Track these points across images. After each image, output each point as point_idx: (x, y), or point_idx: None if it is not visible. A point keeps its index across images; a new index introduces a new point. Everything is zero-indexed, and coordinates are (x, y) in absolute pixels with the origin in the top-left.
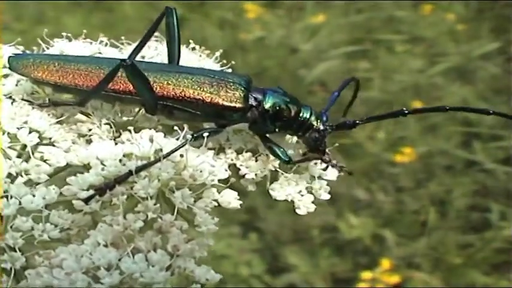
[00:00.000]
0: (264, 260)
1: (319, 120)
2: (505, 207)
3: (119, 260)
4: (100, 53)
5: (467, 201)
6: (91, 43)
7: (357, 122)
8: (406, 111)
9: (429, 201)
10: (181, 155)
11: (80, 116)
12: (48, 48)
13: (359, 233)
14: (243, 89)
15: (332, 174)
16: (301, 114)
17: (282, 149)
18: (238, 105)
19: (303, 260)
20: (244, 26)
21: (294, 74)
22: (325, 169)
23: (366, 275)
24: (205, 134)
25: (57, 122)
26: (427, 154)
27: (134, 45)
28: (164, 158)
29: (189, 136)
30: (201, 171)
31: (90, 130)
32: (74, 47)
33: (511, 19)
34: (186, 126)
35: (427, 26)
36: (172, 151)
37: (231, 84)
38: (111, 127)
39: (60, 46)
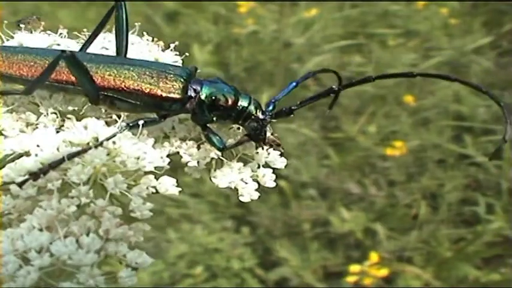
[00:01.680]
0: (256, 254)
1: (258, 110)
2: (496, 200)
3: (51, 243)
4: (58, 44)
5: (459, 195)
6: (49, 35)
7: (292, 108)
8: (336, 88)
9: (421, 195)
10: (114, 142)
11: (30, 106)
12: (8, 40)
13: (351, 227)
14: (182, 80)
15: (280, 162)
16: (239, 103)
17: (217, 137)
18: (176, 96)
19: (294, 254)
20: (238, 20)
21: (287, 68)
22: (267, 154)
23: (355, 268)
24: (141, 122)
25: (7, 111)
26: (419, 148)
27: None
28: (97, 145)
29: (123, 124)
30: (134, 158)
31: (38, 119)
32: (33, 38)
33: (503, 13)
34: (123, 115)
35: (421, 20)
36: (106, 139)
37: (171, 75)
38: (57, 116)
39: (19, 38)
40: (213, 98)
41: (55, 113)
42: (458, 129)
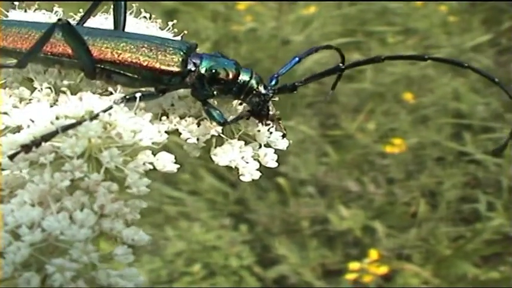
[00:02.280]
0: (254, 252)
1: (260, 84)
2: (495, 198)
3: (43, 218)
4: None
5: (458, 193)
6: (44, 14)
7: (296, 84)
8: (343, 66)
9: (420, 193)
10: (110, 114)
11: (24, 82)
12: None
13: (349, 225)
14: (181, 53)
15: (282, 143)
16: (240, 78)
17: (218, 111)
18: (175, 69)
19: (293, 252)
20: (236, 18)
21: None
22: (269, 130)
23: (354, 265)
24: (138, 95)
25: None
26: (418, 146)
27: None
28: (92, 118)
29: (118, 96)
30: (130, 132)
31: (31, 94)
32: (27, 16)
33: (502, 11)
34: (119, 88)
35: (420, 18)
36: (102, 111)
37: (170, 48)
38: (51, 91)
39: (12, 16)
40: (213, 71)
41: (49, 88)
42: (457, 127)
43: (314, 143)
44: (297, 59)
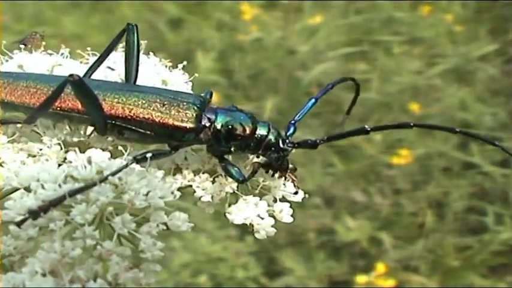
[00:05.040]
0: (261, 263)
1: (278, 138)
2: (502, 209)
3: None
4: (60, 65)
5: (465, 204)
6: (50, 55)
7: (317, 141)
8: (369, 129)
9: (426, 204)
10: (120, 178)
11: (32, 136)
12: (7, 61)
13: (356, 236)
14: (195, 108)
15: (298, 196)
16: (257, 132)
17: (236, 168)
18: (189, 125)
19: (299, 263)
20: (242, 27)
21: (291, 76)
22: (292, 190)
23: (361, 278)
24: (149, 155)
25: (8, 142)
26: (425, 156)
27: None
28: (101, 181)
29: (129, 158)
30: (142, 195)
31: (40, 150)
32: (33, 58)
33: (509, 20)
34: (129, 147)
35: (426, 27)
36: (111, 173)
37: (184, 103)
38: (61, 148)
39: (18, 58)
40: (230, 127)
41: (59, 144)
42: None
43: (320, 154)
44: (313, 100)
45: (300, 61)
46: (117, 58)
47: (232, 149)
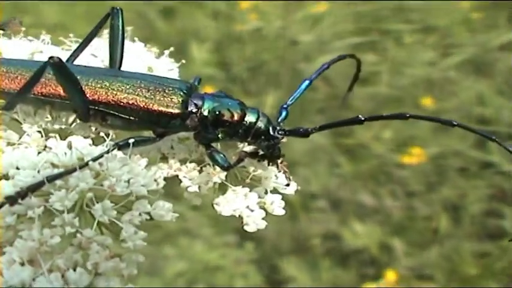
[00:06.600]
0: (261, 272)
1: (268, 125)
2: None
3: (34, 279)
4: (41, 51)
5: (483, 206)
6: (31, 41)
7: (309, 130)
8: (363, 118)
9: (441, 207)
10: (100, 164)
11: (12, 124)
12: None
13: (365, 242)
14: (181, 94)
15: (291, 188)
16: (246, 119)
17: (221, 155)
18: (174, 111)
19: (303, 272)
20: (239, 16)
21: (294, 68)
22: (285, 183)
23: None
24: (131, 141)
25: None
26: (439, 155)
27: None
28: (81, 167)
29: (110, 143)
30: (124, 182)
31: (20, 138)
32: (12, 44)
33: None
34: (111, 133)
35: (440, 15)
36: (92, 159)
37: (170, 88)
38: (42, 135)
39: None
40: (217, 112)
41: (39, 132)
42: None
43: (326, 153)
44: (307, 82)
45: (302, 52)
46: (100, 44)
47: (219, 136)
